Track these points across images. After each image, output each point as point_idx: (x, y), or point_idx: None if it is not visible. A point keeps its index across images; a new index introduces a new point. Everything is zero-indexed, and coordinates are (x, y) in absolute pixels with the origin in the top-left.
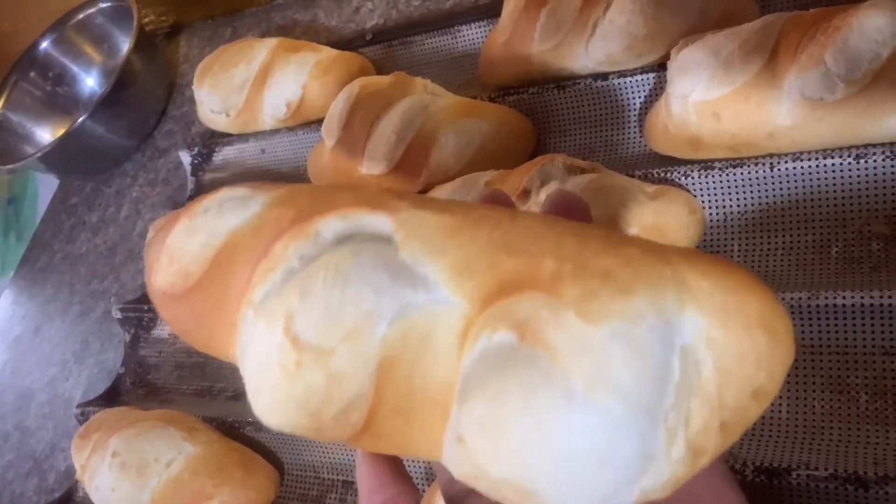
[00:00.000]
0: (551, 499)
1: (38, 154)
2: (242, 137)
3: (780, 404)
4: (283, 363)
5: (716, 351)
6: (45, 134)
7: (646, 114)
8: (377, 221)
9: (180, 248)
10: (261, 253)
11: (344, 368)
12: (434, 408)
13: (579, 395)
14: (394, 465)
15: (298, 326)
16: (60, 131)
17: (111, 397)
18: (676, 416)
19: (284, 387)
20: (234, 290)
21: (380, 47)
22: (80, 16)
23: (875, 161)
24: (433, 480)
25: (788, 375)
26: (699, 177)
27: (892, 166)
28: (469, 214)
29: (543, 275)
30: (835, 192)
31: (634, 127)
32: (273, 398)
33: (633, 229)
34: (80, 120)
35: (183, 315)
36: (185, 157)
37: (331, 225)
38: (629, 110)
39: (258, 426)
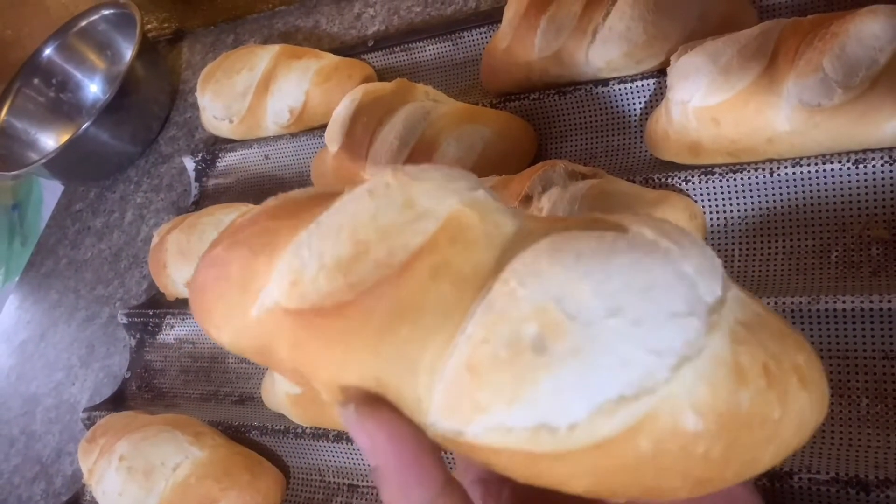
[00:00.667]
0: (590, 319)
1: (43, 160)
2: (246, 143)
3: None
4: (371, 189)
5: (761, 317)
6: (49, 140)
7: (646, 119)
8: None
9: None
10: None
11: (422, 200)
12: (473, 280)
13: (645, 238)
14: (427, 445)
15: (407, 167)
16: (64, 137)
17: (117, 402)
18: (724, 318)
19: (356, 206)
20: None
21: (381, 53)
22: (83, 23)
23: (874, 166)
24: None
25: None
26: (700, 182)
27: (891, 171)
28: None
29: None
30: (834, 196)
31: (635, 132)
32: (335, 221)
33: None
34: (85, 126)
35: (252, 231)
36: (189, 163)
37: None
38: (630, 116)
39: (264, 430)
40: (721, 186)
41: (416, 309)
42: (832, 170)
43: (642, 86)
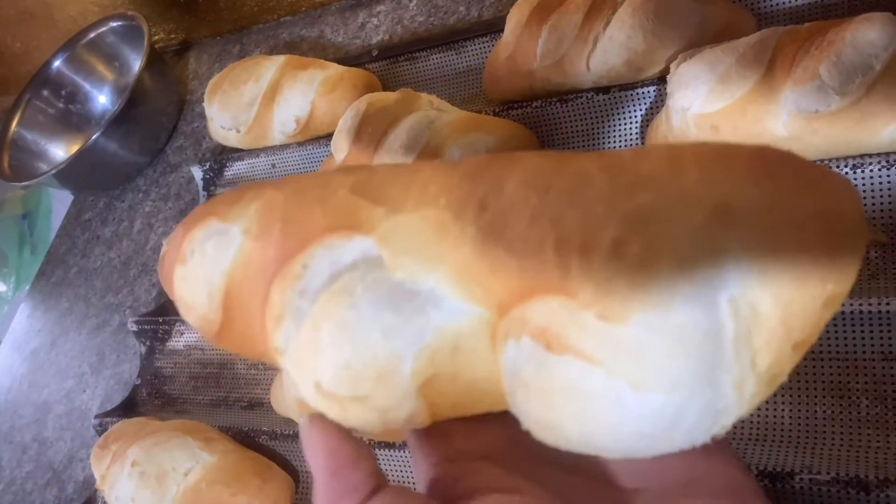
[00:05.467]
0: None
1: (53, 171)
2: (253, 153)
3: (783, 409)
4: (328, 408)
5: (771, 284)
6: (59, 151)
7: (647, 126)
8: (359, 246)
9: (190, 299)
10: (261, 298)
11: (387, 404)
12: (488, 395)
13: (629, 396)
14: (360, 453)
15: (327, 385)
16: (74, 148)
17: (128, 408)
18: (741, 366)
19: (341, 418)
20: (256, 332)
21: (385, 63)
22: (92, 35)
23: (871, 171)
24: None
25: (790, 380)
26: None
27: (888, 176)
28: (454, 192)
29: (551, 274)
30: None
31: (636, 139)
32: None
33: None
34: (94, 137)
35: (227, 346)
36: (197, 173)
37: (315, 258)
38: (630, 123)
39: (273, 435)
40: None
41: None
42: None
43: (642, 93)
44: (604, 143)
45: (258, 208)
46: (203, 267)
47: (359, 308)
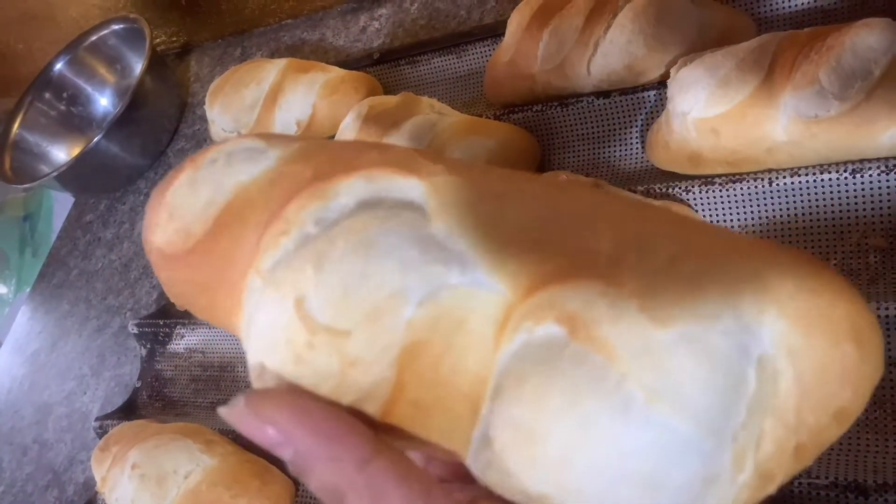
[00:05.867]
0: None
1: (55, 173)
2: None
3: None
4: (291, 342)
5: (797, 362)
6: (60, 153)
7: (647, 130)
8: (407, 186)
9: (182, 204)
10: (272, 214)
11: (361, 354)
12: (462, 401)
13: (637, 405)
14: (339, 408)
15: (311, 303)
16: (75, 150)
17: (128, 411)
18: (747, 437)
19: (291, 370)
20: (240, 255)
21: (387, 66)
22: (94, 37)
23: (871, 176)
24: None
25: None
26: (700, 192)
27: (888, 181)
28: (513, 182)
29: (600, 258)
30: (832, 206)
31: (636, 143)
32: (280, 377)
33: None
34: (96, 139)
35: (181, 279)
36: None
37: (354, 187)
38: (631, 127)
39: None
40: (721, 196)
41: (420, 434)
42: (830, 179)
43: (643, 97)
44: (604, 147)
45: (304, 144)
46: (218, 174)
47: (386, 234)
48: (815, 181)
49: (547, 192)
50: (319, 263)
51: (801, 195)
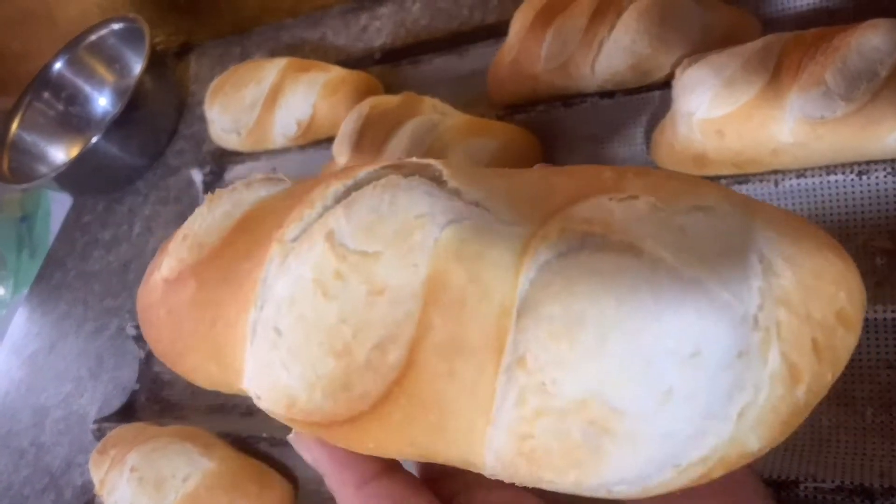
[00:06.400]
0: (641, 411)
1: (53, 174)
2: (254, 156)
3: None
4: (319, 279)
5: (792, 265)
6: (59, 153)
7: (651, 131)
8: (426, 163)
9: (198, 225)
10: (295, 200)
11: (389, 278)
12: (485, 349)
13: (667, 274)
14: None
15: (342, 231)
16: (74, 151)
17: (126, 413)
18: (767, 318)
19: (314, 312)
20: (257, 248)
21: (388, 66)
22: (93, 37)
23: (877, 177)
24: None
25: None
26: None
27: (894, 182)
28: (516, 171)
29: (605, 182)
30: (838, 207)
31: (640, 144)
32: (299, 335)
33: None
34: (94, 140)
35: (184, 299)
36: (197, 176)
37: (375, 171)
38: (635, 127)
39: (273, 441)
40: None
41: (439, 398)
42: (836, 181)
43: (647, 98)
44: (608, 148)
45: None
46: (237, 195)
47: (410, 180)
48: (821, 183)
49: (546, 169)
50: (349, 203)
51: (807, 197)
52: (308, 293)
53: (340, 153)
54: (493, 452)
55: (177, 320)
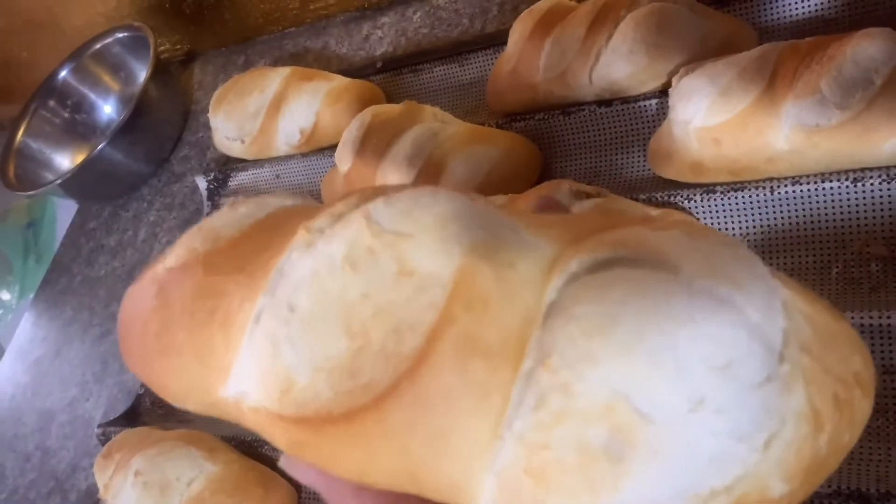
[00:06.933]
0: (669, 418)
1: (59, 181)
2: (257, 163)
3: None
4: (349, 254)
5: (811, 322)
6: (64, 160)
7: (649, 139)
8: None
9: (216, 219)
10: (328, 205)
11: (421, 263)
12: (501, 353)
13: (699, 285)
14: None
15: (378, 215)
16: (79, 158)
17: (131, 417)
18: (791, 356)
19: (338, 285)
20: (281, 238)
21: (390, 75)
22: (98, 45)
23: (872, 184)
24: None
25: None
26: (701, 200)
27: (889, 189)
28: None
29: (634, 219)
30: (834, 214)
31: (638, 152)
32: (316, 308)
33: None
34: (100, 147)
35: (185, 286)
36: (202, 183)
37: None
38: (633, 136)
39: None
40: (723, 204)
41: (447, 398)
42: (831, 188)
43: (645, 106)
44: (607, 156)
45: None
46: (262, 199)
47: (438, 192)
48: (816, 190)
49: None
50: (388, 195)
51: (803, 204)
52: (335, 268)
53: (343, 161)
54: (494, 473)
55: (169, 313)
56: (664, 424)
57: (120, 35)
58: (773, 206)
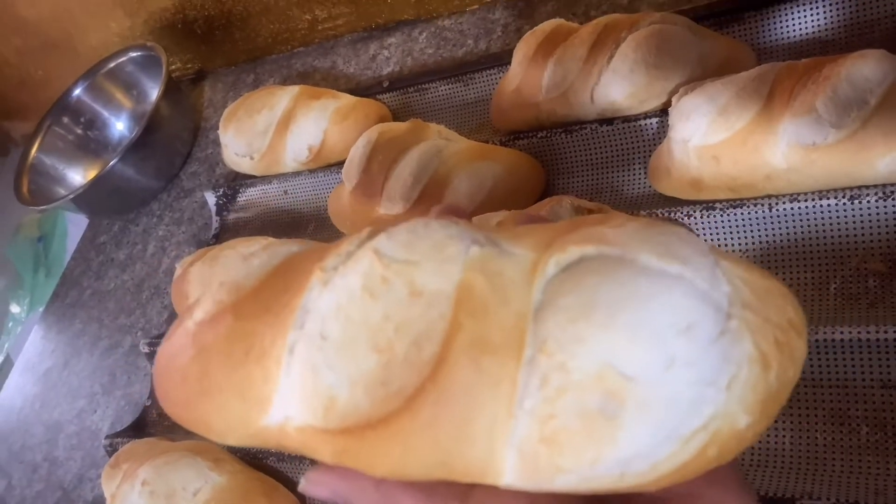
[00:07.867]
0: (649, 377)
1: (71, 195)
2: (265, 179)
3: (784, 436)
4: (367, 285)
5: (748, 284)
6: (77, 176)
7: (649, 157)
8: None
9: (234, 272)
10: (335, 245)
11: (427, 284)
12: (505, 347)
13: (655, 267)
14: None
15: (385, 248)
16: (91, 173)
17: (138, 429)
18: (736, 314)
19: (361, 312)
20: (297, 280)
21: (396, 94)
22: (112, 64)
23: (868, 202)
24: None
25: (791, 407)
26: (701, 217)
27: (885, 207)
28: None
29: (595, 219)
30: (831, 231)
31: (639, 169)
32: (347, 334)
33: None
34: (112, 163)
35: (219, 333)
36: (211, 198)
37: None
38: (634, 153)
39: (280, 456)
40: (722, 221)
41: (466, 391)
42: (829, 205)
43: (645, 125)
44: (608, 173)
45: None
46: (272, 249)
47: (430, 222)
48: (814, 207)
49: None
50: (388, 231)
51: (801, 221)
52: (356, 298)
53: (349, 177)
54: (513, 446)
55: (206, 358)
56: (646, 382)
57: (133, 54)
58: (772, 223)
